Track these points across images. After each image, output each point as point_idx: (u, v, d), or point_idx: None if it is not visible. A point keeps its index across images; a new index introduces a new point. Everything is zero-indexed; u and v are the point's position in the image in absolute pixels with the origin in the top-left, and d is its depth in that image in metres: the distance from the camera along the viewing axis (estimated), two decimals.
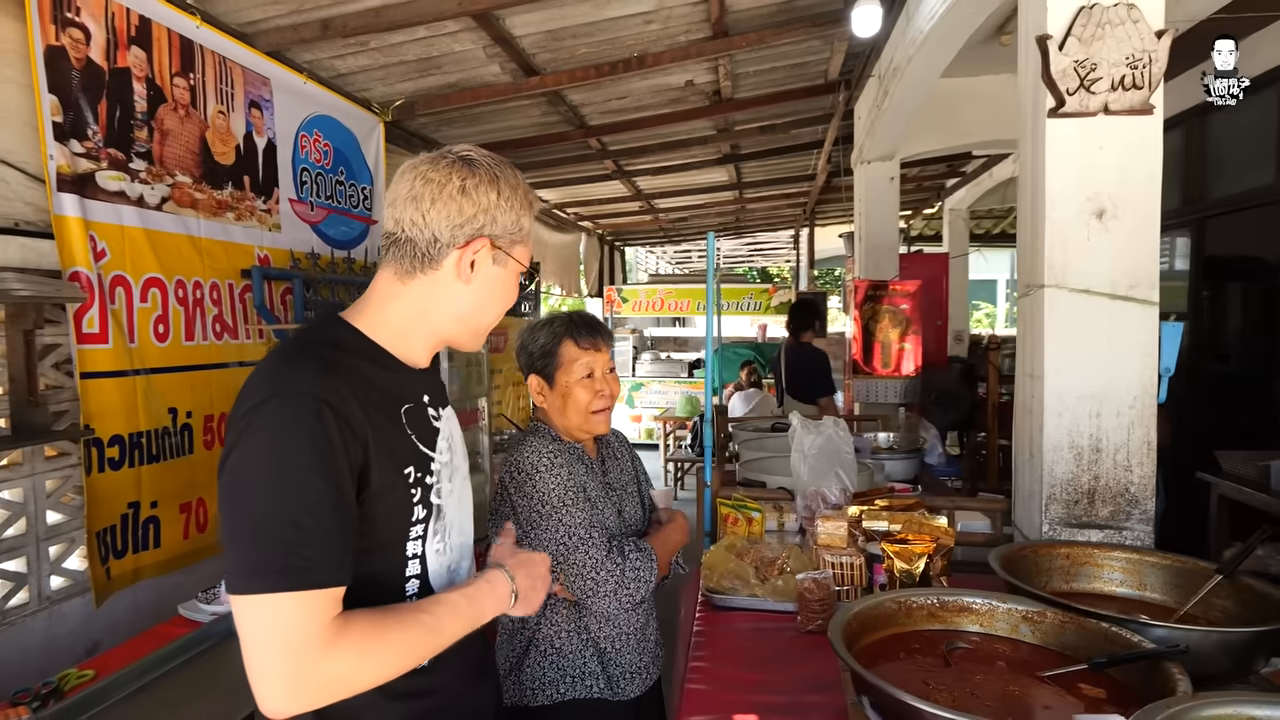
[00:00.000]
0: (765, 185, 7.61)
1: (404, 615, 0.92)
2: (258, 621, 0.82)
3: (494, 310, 1.08)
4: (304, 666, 0.82)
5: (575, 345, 1.52)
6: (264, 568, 0.82)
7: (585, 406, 1.51)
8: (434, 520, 1.03)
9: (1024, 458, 1.95)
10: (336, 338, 0.99)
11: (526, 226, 1.08)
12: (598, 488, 1.54)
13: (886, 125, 4.15)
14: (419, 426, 1.02)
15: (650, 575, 1.46)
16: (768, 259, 15.97)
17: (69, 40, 2.24)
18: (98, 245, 2.33)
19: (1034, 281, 1.84)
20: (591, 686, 1.47)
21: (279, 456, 0.85)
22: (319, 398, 0.87)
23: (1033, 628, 1.41)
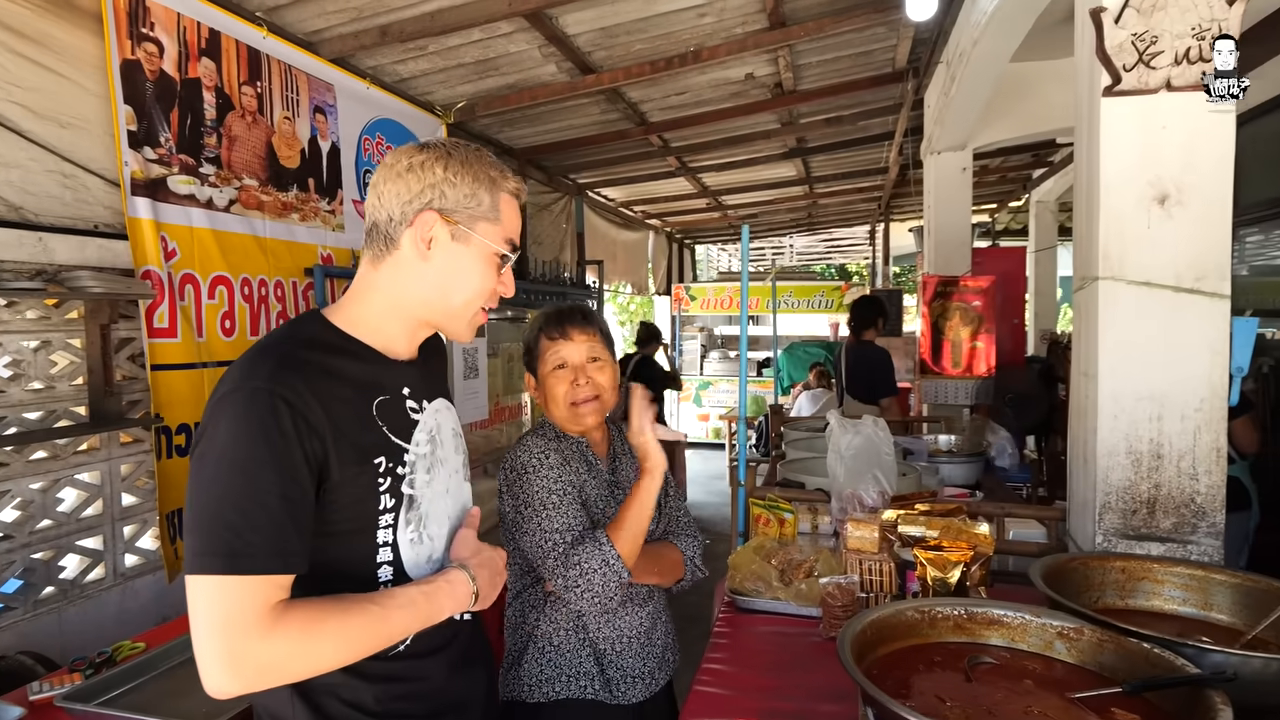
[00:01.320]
0: (836, 179, 7.41)
1: (350, 605, 0.93)
2: (200, 601, 0.85)
3: (463, 290, 1.07)
4: (240, 648, 0.84)
5: (545, 338, 1.50)
6: (209, 550, 0.86)
7: (562, 399, 1.47)
8: (406, 510, 1.04)
9: (1077, 463, 1.82)
10: (309, 334, 1.03)
11: (489, 202, 1.06)
12: (599, 487, 1.51)
13: (955, 113, 3.97)
14: (393, 418, 1.05)
15: (602, 562, 1.33)
16: (846, 255, 15.57)
17: (144, 54, 2.39)
18: (169, 245, 2.48)
19: (1089, 273, 1.71)
20: (586, 687, 1.45)
21: (232, 447, 0.89)
22: (275, 393, 0.90)
23: (1068, 645, 1.31)
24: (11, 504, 2.11)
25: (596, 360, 1.51)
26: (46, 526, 2.19)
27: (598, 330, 1.54)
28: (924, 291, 4.52)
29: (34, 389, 2.16)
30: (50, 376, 2.21)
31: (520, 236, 1.14)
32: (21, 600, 2.12)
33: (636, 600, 1.52)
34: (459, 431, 1.26)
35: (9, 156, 2.10)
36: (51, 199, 2.21)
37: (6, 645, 2.00)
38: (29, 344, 2.15)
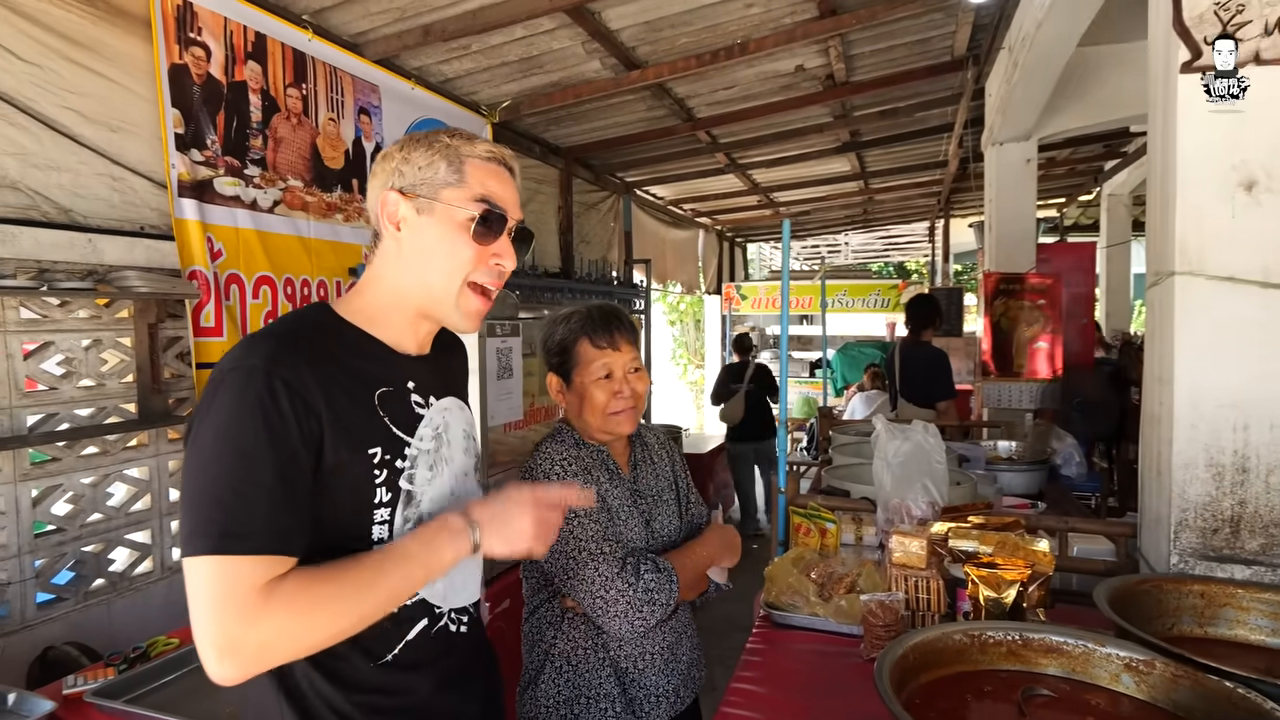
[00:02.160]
0: (892, 174, 7.18)
1: (338, 565, 0.90)
2: (196, 584, 0.84)
3: (439, 265, 1.03)
4: (235, 632, 0.82)
5: (591, 345, 1.43)
6: (202, 531, 0.84)
7: (602, 408, 1.41)
8: (403, 506, 1.00)
9: (1150, 475, 1.67)
10: (314, 321, 1.02)
11: (446, 169, 1.02)
12: (622, 496, 1.44)
13: (1019, 101, 3.76)
14: (395, 411, 1.02)
15: (668, 597, 1.33)
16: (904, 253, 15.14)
17: (191, 58, 2.44)
18: (215, 246, 2.52)
19: (1163, 269, 1.56)
20: (607, 710, 1.38)
21: (227, 426, 0.87)
22: (271, 371, 0.89)
23: (1138, 679, 1.19)
24: (64, 498, 2.16)
25: (638, 370, 1.47)
26: (97, 520, 2.25)
27: (637, 336, 1.50)
28: (985, 289, 4.31)
29: (85, 386, 2.22)
30: (101, 374, 2.26)
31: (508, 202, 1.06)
32: (73, 591, 2.17)
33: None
34: (472, 434, 1.21)
35: (60, 160, 2.16)
36: (100, 201, 2.26)
37: (57, 635, 2.06)
38: (81, 342, 2.21)
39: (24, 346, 2.06)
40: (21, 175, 2.07)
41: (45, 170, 2.13)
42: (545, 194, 5.14)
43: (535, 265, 4.75)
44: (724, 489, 6.16)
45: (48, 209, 2.14)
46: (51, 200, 2.15)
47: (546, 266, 5.08)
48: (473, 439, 1.21)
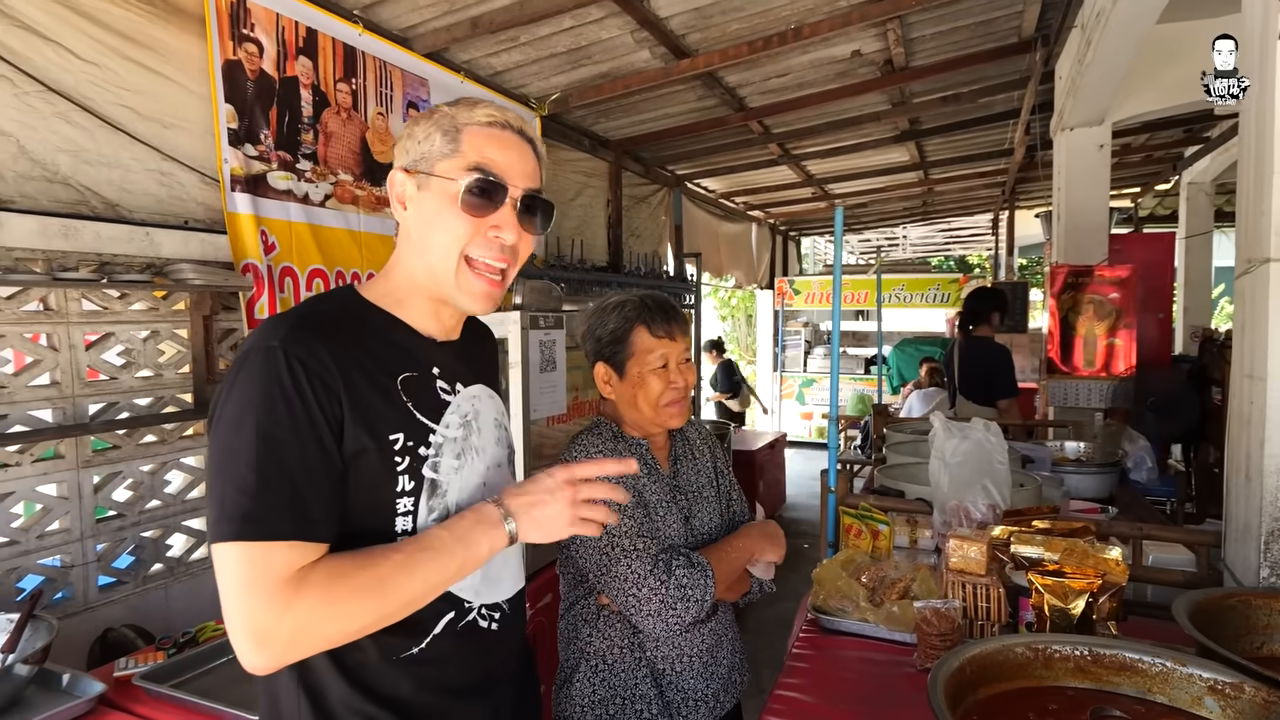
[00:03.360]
0: (954, 164, 6.91)
1: (371, 554, 0.88)
2: (223, 571, 0.82)
3: (436, 241, 0.98)
4: (267, 620, 0.81)
5: (649, 333, 1.39)
6: (228, 516, 0.82)
7: (657, 398, 1.37)
8: (427, 495, 0.97)
9: (1238, 480, 1.53)
10: (338, 303, 1.01)
11: (441, 140, 0.98)
12: (661, 491, 1.39)
13: (1091, 83, 3.55)
14: (419, 396, 0.99)
15: (703, 594, 1.28)
16: (966, 247, 14.65)
17: (244, 54, 2.48)
18: (268, 239, 2.56)
19: (1256, 255, 1.43)
20: (643, 711, 1.33)
21: (247, 408, 0.85)
22: (289, 351, 0.87)
23: (1224, 704, 1.08)
24: (124, 484, 2.23)
25: (688, 361, 1.44)
26: (155, 507, 2.31)
27: (689, 329, 1.48)
28: (1052, 283, 4.10)
29: (144, 376, 2.28)
30: (158, 365, 2.32)
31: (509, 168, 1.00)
32: (132, 575, 2.24)
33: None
34: (504, 423, 1.17)
35: (111, 156, 2.21)
36: (147, 196, 2.31)
37: (117, 617, 2.12)
38: (139, 334, 2.27)
39: (86, 337, 2.13)
40: (73, 171, 2.13)
41: (96, 166, 2.18)
42: (594, 187, 5.11)
43: (583, 259, 4.73)
44: (775, 486, 6.05)
45: (96, 204, 2.19)
46: (100, 195, 2.20)
47: (595, 260, 5.05)
48: (505, 429, 1.17)
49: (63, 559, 2.06)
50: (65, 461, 2.07)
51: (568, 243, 4.68)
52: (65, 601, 2.06)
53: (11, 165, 1.98)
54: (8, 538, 1.95)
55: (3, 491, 1.94)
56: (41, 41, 2.04)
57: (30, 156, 2.02)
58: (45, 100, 2.05)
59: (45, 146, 2.05)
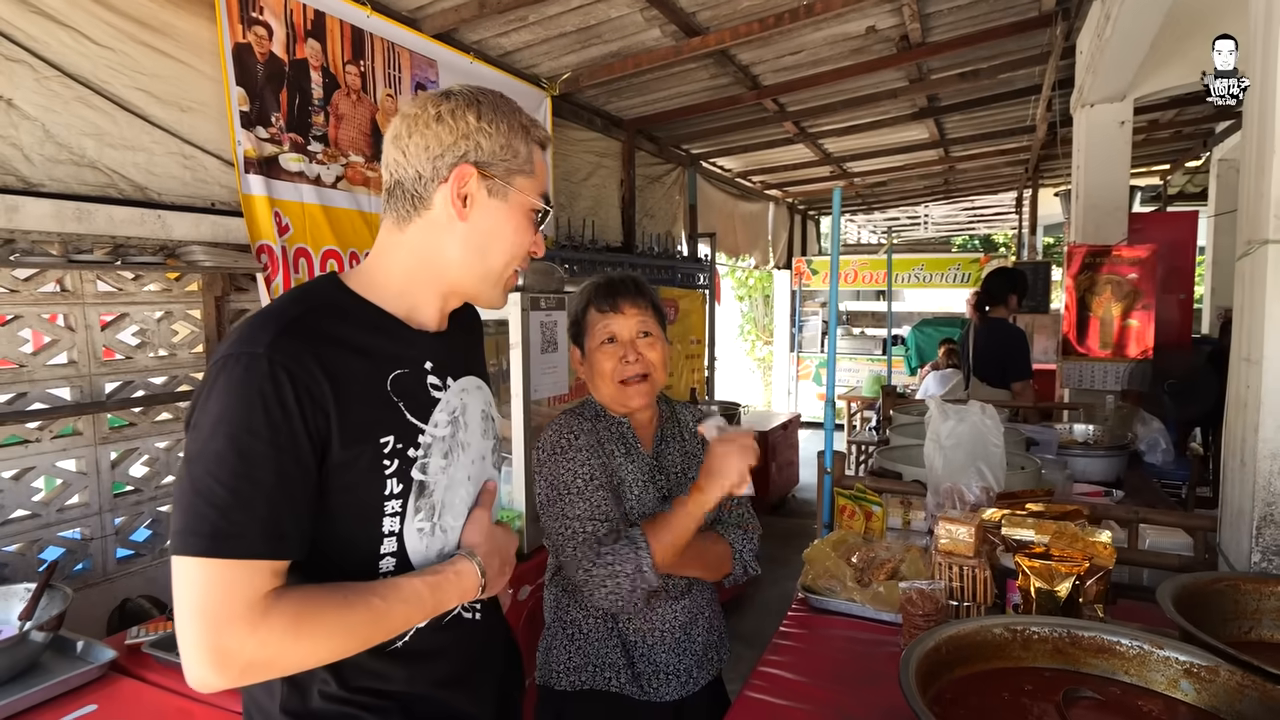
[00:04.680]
0: (975, 141, 6.79)
1: (348, 597, 0.86)
2: (184, 586, 0.79)
3: (501, 251, 0.99)
4: (226, 641, 0.77)
5: (595, 310, 1.40)
6: (192, 529, 0.78)
7: (610, 375, 1.38)
8: (415, 498, 0.95)
9: (1233, 465, 1.52)
10: (321, 299, 0.94)
11: (525, 153, 0.98)
12: (637, 470, 1.40)
13: (1112, 58, 3.47)
14: (410, 395, 0.96)
15: (635, 568, 1.24)
16: (991, 225, 14.39)
17: (254, 37, 2.50)
18: (282, 221, 2.60)
19: (1256, 236, 1.40)
20: (612, 680, 1.37)
21: (225, 418, 0.81)
22: (274, 360, 0.83)
23: (1198, 686, 1.09)
24: (140, 460, 2.30)
25: (647, 335, 1.41)
26: (170, 482, 2.38)
27: (650, 303, 1.43)
28: (1069, 263, 4.04)
29: (158, 356, 2.34)
30: (172, 345, 2.38)
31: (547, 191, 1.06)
32: (149, 549, 2.32)
33: (672, 593, 1.41)
34: (490, 414, 1.15)
35: (134, 140, 2.26)
36: (172, 179, 2.36)
37: (135, 589, 2.20)
38: (153, 314, 2.33)
39: (101, 318, 2.19)
40: (99, 155, 2.18)
41: (121, 150, 2.23)
42: (607, 167, 5.10)
43: (595, 240, 4.74)
44: (788, 467, 6.06)
45: (124, 187, 2.25)
46: (128, 178, 2.26)
47: (608, 241, 5.06)
48: (491, 419, 1.15)
49: (82, 532, 2.14)
50: (83, 438, 2.14)
51: (580, 223, 4.68)
52: (85, 573, 2.14)
53: (38, 149, 2.04)
54: (29, 511, 2.02)
55: (24, 466, 2.01)
56: (58, 27, 2.08)
57: (56, 140, 2.07)
58: (65, 84, 2.10)
59: (69, 130, 2.10)
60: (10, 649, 1.42)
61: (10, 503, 1.99)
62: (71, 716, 1.38)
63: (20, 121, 2.00)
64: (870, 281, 9.38)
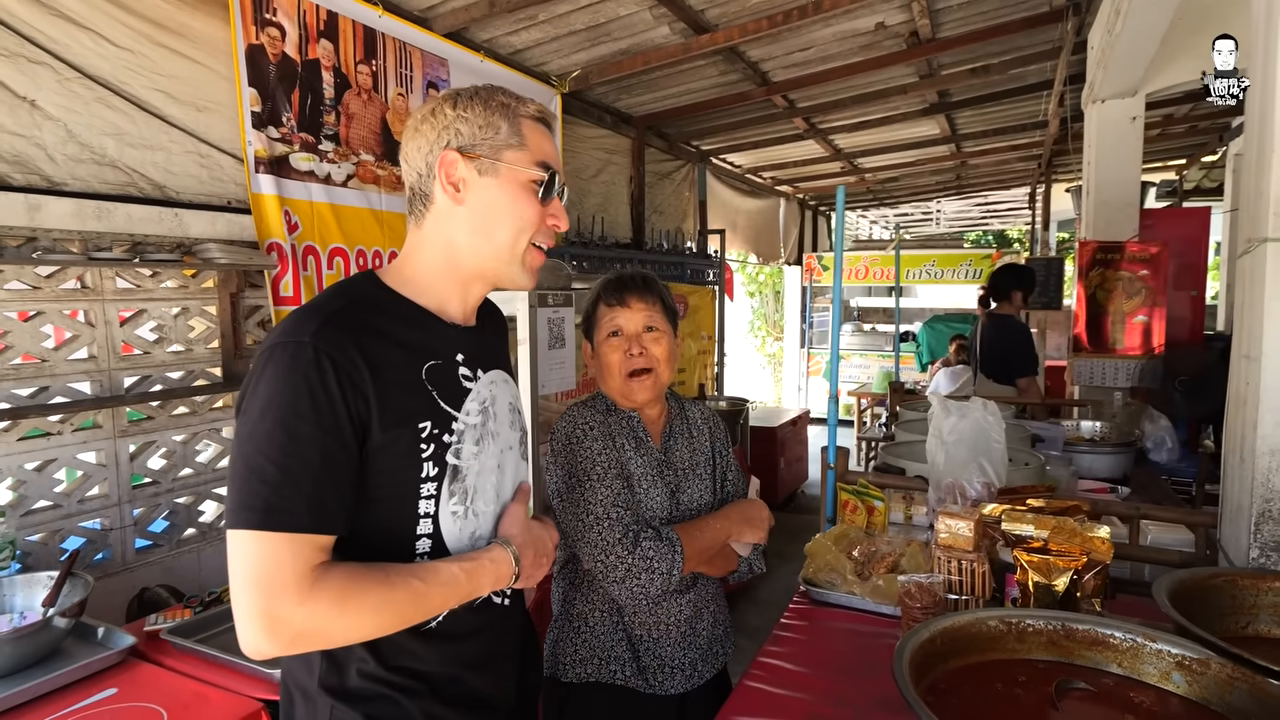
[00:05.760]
0: (987, 136, 6.75)
1: (391, 577, 0.91)
2: (239, 557, 0.85)
3: (504, 225, 1.03)
4: (278, 609, 0.83)
5: (604, 304, 1.44)
6: (246, 505, 0.85)
7: (616, 368, 1.41)
8: (449, 481, 1.00)
9: (1233, 461, 1.53)
10: (361, 294, 1.01)
11: (508, 128, 1.02)
12: (647, 465, 1.43)
13: (1122, 53, 3.45)
14: (443, 384, 1.02)
15: (669, 568, 1.30)
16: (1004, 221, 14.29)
17: (267, 38, 2.55)
18: (291, 219, 2.65)
19: (1255, 234, 1.41)
20: (616, 672, 1.40)
21: (273, 402, 0.87)
22: (319, 348, 0.89)
23: (1190, 678, 1.11)
24: (158, 453, 2.36)
25: (653, 330, 1.44)
26: (187, 475, 2.44)
27: (658, 299, 1.46)
28: (1080, 259, 4.02)
29: (175, 351, 2.40)
30: (189, 340, 2.43)
31: (558, 163, 1.09)
32: (167, 539, 2.37)
33: (678, 588, 1.44)
34: (518, 407, 1.20)
35: (153, 139, 2.31)
36: (190, 178, 2.41)
37: (153, 578, 2.25)
38: (170, 310, 2.38)
39: (120, 314, 2.24)
40: (120, 154, 2.23)
41: (140, 149, 2.28)
42: (617, 164, 5.12)
43: (605, 236, 4.76)
44: (797, 463, 6.07)
45: (144, 185, 2.30)
46: (147, 177, 2.30)
47: (618, 237, 5.08)
48: (518, 412, 1.20)
49: (102, 522, 2.19)
50: (103, 431, 2.19)
51: (589, 220, 4.71)
52: (105, 562, 2.20)
53: (61, 149, 2.09)
54: (51, 501, 2.08)
55: (46, 458, 2.07)
56: (78, 30, 2.13)
57: (78, 140, 2.13)
58: (85, 86, 2.14)
59: (91, 130, 2.15)
60: (34, 634, 1.47)
61: (33, 493, 2.04)
62: (92, 699, 1.43)
63: (43, 122, 2.05)
64: (881, 278, 9.35)
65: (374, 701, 0.98)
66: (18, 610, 1.62)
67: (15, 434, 2.01)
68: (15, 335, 2.00)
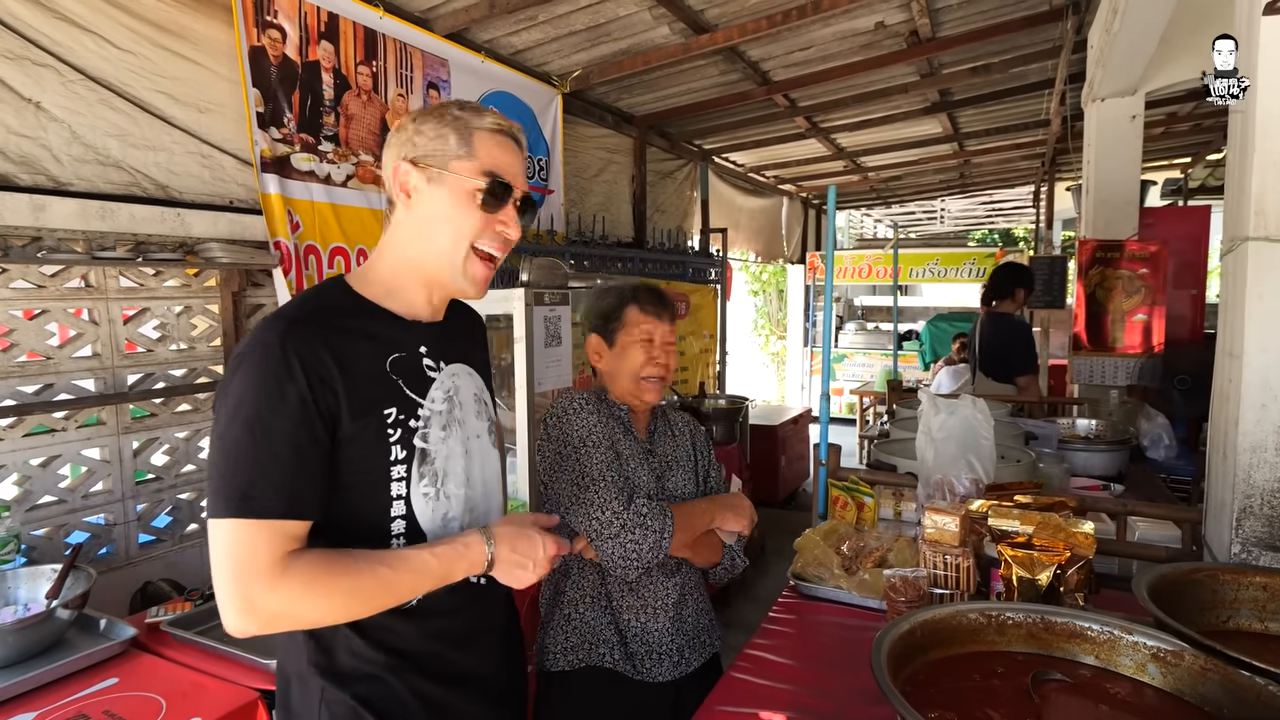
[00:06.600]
0: (989, 135, 6.75)
1: (359, 563, 0.96)
2: (218, 545, 0.91)
3: (445, 232, 1.07)
4: (252, 593, 0.90)
5: (639, 309, 1.52)
6: (226, 495, 0.91)
7: (638, 368, 1.50)
8: (418, 464, 1.06)
9: (1216, 458, 1.55)
10: (329, 297, 1.08)
11: (456, 140, 1.07)
12: (634, 449, 1.51)
13: (1121, 52, 3.45)
14: (407, 374, 1.08)
15: (661, 528, 1.37)
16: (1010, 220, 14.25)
17: (268, 40, 2.58)
18: (294, 218, 2.68)
19: (1238, 233, 1.43)
20: (605, 656, 1.44)
21: (247, 400, 0.94)
22: (286, 347, 0.95)
23: (1164, 670, 1.12)
24: (161, 449, 2.39)
25: (671, 345, 1.55)
26: (190, 471, 2.47)
27: (675, 321, 1.59)
28: (1080, 257, 4.03)
29: (178, 349, 2.43)
30: (191, 338, 2.47)
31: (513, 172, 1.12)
32: (170, 535, 2.41)
33: (664, 569, 1.49)
34: (484, 398, 1.25)
35: (156, 140, 2.34)
36: (192, 178, 2.45)
37: (156, 572, 2.29)
38: (173, 309, 2.41)
39: (124, 312, 2.28)
40: (123, 155, 2.27)
41: (143, 150, 2.32)
42: (618, 163, 5.14)
43: (606, 235, 4.78)
44: (798, 462, 6.08)
45: (147, 186, 2.33)
46: (150, 178, 2.34)
47: (619, 236, 5.10)
48: (485, 404, 1.25)
49: (106, 517, 2.23)
50: (107, 427, 2.23)
51: (591, 219, 4.74)
52: (109, 557, 2.24)
53: (66, 149, 2.12)
54: (56, 497, 2.12)
55: (50, 454, 2.11)
56: (82, 32, 2.16)
57: (82, 141, 2.16)
58: (89, 87, 2.18)
59: (94, 132, 2.19)
60: (38, 625, 1.51)
61: (38, 489, 2.08)
62: (94, 689, 1.46)
63: (48, 124, 2.08)
64: (884, 276, 9.35)
65: (362, 681, 1.03)
66: (22, 602, 1.66)
67: (20, 430, 2.05)
68: (20, 333, 2.04)
